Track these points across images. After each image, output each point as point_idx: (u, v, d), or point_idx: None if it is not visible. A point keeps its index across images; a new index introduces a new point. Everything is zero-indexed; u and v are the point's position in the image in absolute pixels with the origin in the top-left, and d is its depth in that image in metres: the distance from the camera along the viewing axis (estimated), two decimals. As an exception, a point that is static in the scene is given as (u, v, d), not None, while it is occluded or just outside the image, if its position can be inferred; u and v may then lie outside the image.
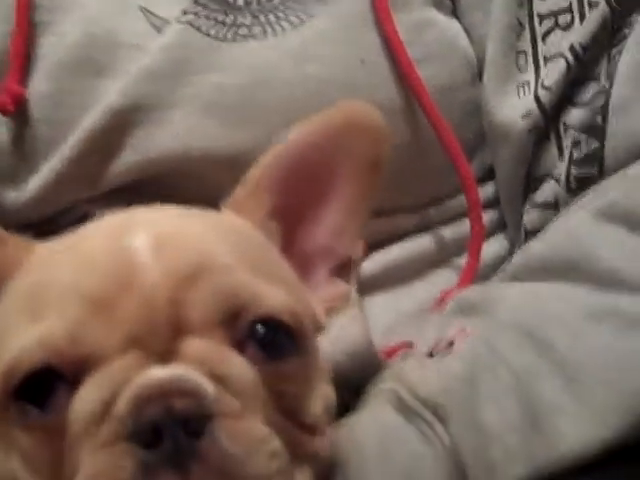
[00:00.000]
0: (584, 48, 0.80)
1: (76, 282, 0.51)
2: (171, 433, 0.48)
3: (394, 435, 0.61)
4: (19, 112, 0.80)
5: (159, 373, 0.49)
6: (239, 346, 0.52)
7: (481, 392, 0.60)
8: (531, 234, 0.81)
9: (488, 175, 0.90)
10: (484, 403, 0.60)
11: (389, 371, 0.69)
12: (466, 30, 0.89)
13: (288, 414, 0.53)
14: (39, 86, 0.81)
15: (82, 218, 0.81)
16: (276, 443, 0.51)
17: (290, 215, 0.61)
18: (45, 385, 0.50)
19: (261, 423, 0.51)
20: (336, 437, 0.58)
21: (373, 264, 0.84)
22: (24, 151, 0.81)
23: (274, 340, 0.53)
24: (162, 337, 0.50)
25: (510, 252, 0.88)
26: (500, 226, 0.90)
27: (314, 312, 0.59)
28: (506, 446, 0.57)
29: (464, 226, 0.87)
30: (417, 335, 0.75)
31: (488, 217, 0.89)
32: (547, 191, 0.81)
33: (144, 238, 0.53)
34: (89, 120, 0.79)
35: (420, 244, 0.88)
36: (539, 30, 0.84)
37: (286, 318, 0.53)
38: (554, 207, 0.80)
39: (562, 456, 0.56)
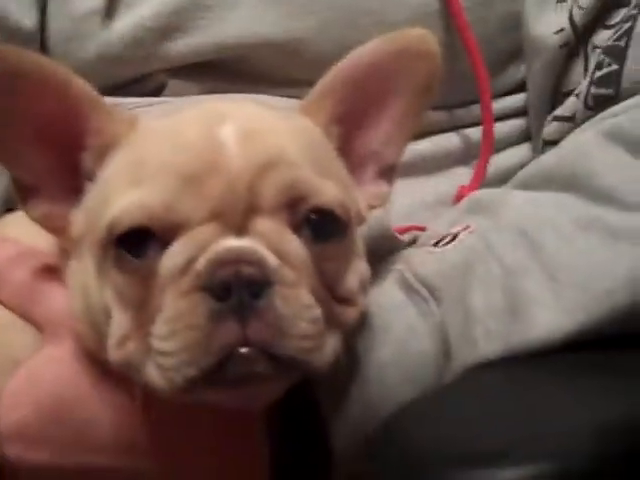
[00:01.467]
0: None
1: (173, 160, 0.61)
2: (238, 291, 0.58)
3: (396, 309, 0.70)
4: None
5: (234, 243, 0.59)
6: (296, 229, 0.61)
7: (473, 281, 0.68)
8: (548, 145, 0.85)
9: (522, 86, 0.94)
10: (474, 290, 0.68)
11: (399, 254, 0.77)
12: None
13: (328, 288, 0.63)
14: None
15: (158, 88, 0.92)
16: (317, 311, 0.60)
17: (349, 122, 0.69)
18: (140, 240, 0.60)
19: (308, 293, 0.60)
20: (366, 307, 0.68)
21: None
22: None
23: (324, 226, 0.62)
24: (238, 214, 0.60)
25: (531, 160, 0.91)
26: (528, 135, 0.94)
27: (359, 206, 0.68)
28: (487, 327, 0.66)
29: None
30: (430, 225, 0.82)
31: (518, 124, 0.94)
32: (568, 106, 0.84)
33: (233, 130, 0.62)
34: None
35: (448, 140, 0.93)
36: None
37: (336, 209, 0.62)
38: (571, 121, 0.83)
39: (532, 340, 0.64)
